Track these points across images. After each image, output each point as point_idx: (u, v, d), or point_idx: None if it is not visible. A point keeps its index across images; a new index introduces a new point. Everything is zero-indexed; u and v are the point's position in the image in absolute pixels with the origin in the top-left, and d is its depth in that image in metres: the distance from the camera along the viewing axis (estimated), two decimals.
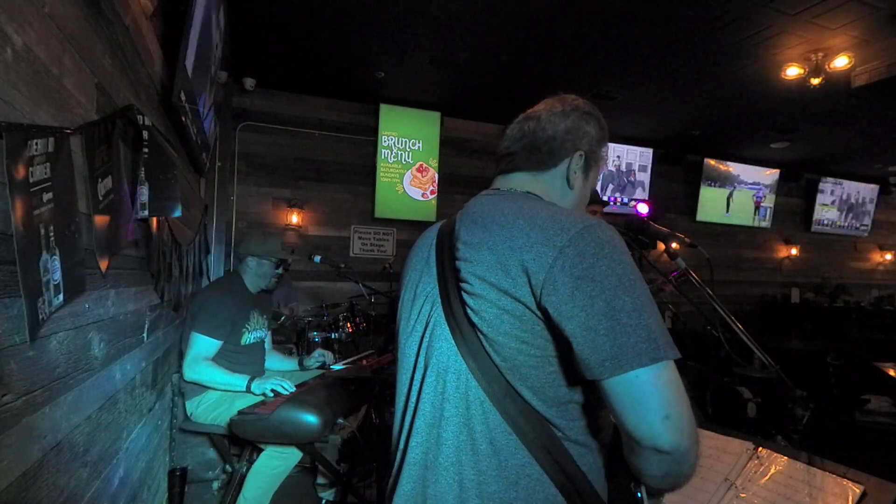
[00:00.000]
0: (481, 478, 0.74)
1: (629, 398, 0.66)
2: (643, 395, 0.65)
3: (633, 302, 0.67)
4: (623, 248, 0.72)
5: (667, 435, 0.64)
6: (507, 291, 0.72)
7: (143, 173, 1.51)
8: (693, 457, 0.69)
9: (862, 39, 3.69)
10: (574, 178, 0.91)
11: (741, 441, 1.30)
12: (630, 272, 0.69)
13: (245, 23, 3.60)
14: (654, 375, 0.65)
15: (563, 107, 0.93)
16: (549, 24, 3.60)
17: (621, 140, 6.43)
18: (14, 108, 0.85)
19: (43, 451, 0.98)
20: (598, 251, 0.70)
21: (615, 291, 0.67)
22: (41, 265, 0.88)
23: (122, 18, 1.50)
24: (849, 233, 8.73)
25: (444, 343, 0.79)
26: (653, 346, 0.65)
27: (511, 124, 0.95)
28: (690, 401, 0.70)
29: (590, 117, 0.93)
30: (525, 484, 0.73)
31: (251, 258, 2.43)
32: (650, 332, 0.66)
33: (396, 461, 0.84)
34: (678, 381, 0.67)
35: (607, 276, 0.68)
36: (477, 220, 0.80)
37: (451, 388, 0.77)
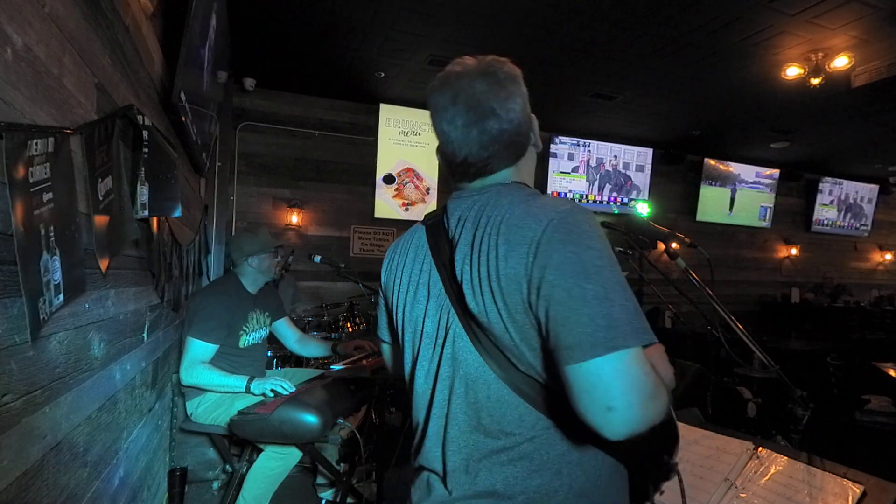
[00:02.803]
0: (524, 474, 0.75)
1: (577, 386, 0.66)
2: (588, 385, 0.65)
3: (595, 290, 0.66)
4: (593, 231, 0.71)
5: (608, 427, 0.64)
6: (506, 301, 0.73)
7: (143, 173, 1.51)
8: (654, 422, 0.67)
9: (862, 39, 3.69)
10: (537, 136, 0.91)
11: (741, 441, 1.30)
12: (597, 257, 0.69)
13: (245, 23, 3.60)
14: (602, 367, 0.64)
15: (504, 82, 0.85)
16: (549, 24, 3.60)
17: (621, 140, 6.43)
18: (14, 108, 0.85)
19: (43, 451, 0.98)
20: (565, 238, 0.70)
21: (577, 280, 0.67)
22: (41, 265, 0.88)
23: (122, 18, 1.50)
24: (849, 233, 8.73)
25: (470, 355, 0.78)
26: (609, 336, 0.65)
27: (445, 125, 0.85)
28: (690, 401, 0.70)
29: (519, 77, 0.88)
30: (568, 471, 0.74)
31: (251, 258, 2.41)
32: (610, 321, 0.65)
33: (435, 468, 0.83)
34: (636, 369, 0.65)
35: (571, 265, 0.68)
36: (464, 226, 0.81)
37: (483, 396, 0.77)
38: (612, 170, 6.53)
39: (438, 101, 0.85)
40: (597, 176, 6.46)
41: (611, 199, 6.57)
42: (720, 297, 1.42)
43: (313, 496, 2.52)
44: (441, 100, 0.84)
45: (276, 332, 2.70)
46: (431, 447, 0.83)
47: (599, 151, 6.40)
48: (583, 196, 6.42)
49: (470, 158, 0.84)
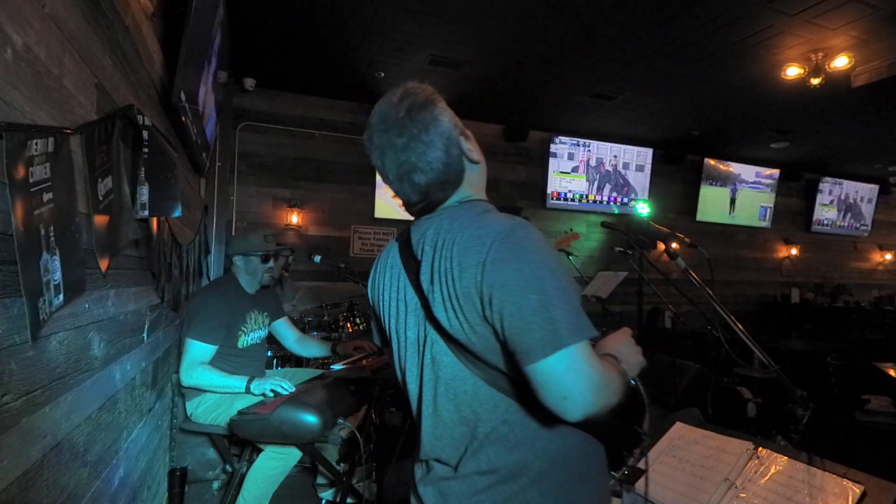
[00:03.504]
0: (503, 451, 0.85)
1: (537, 383, 0.77)
2: (546, 381, 0.76)
3: (539, 298, 0.77)
4: (532, 246, 0.81)
5: (568, 413, 0.75)
6: (466, 315, 0.83)
7: (143, 173, 1.51)
8: (611, 404, 0.79)
9: (862, 39, 3.69)
10: (473, 152, 0.97)
11: (741, 441, 1.30)
12: (537, 269, 0.78)
13: (245, 23, 3.60)
14: (553, 365, 0.75)
15: (420, 136, 0.91)
16: (549, 24, 3.60)
17: (621, 140, 6.43)
18: (14, 108, 0.85)
19: (43, 451, 0.98)
20: (507, 257, 0.79)
21: (522, 293, 0.77)
22: (41, 265, 0.88)
23: (122, 18, 1.50)
24: (848, 233, 8.73)
25: (447, 357, 0.88)
26: (555, 338, 0.75)
27: (382, 177, 0.98)
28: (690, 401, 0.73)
29: (434, 112, 0.94)
30: (540, 444, 0.85)
31: (237, 258, 2.42)
32: (554, 325, 0.75)
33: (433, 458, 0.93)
34: (582, 362, 0.76)
35: (514, 280, 0.78)
36: (425, 248, 0.90)
37: (461, 391, 0.87)
38: (612, 170, 6.53)
39: (372, 157, 0.98)
40: (597, 176, 6.46)
41: (611, 199, 6.57)
42: (720, 297, 1.42)
43: (313, 496, 2.52)
44: (373, 157, 0.97)
45: (276, 333, 2.69)
46: (428, 442, 0.93)
47: (599, 151, 6.40)
48: (583, 196, 6.42)
49: (412, 201, 0.96)
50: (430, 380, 0.91)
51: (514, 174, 6.11)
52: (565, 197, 6.32)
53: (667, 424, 1.49)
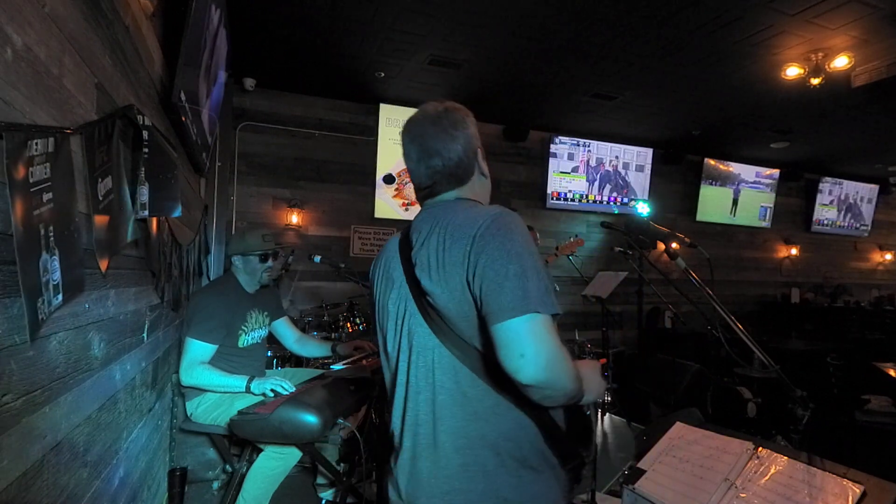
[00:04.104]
0: (463, 423, 0.96)
1: (500, 341, 0.87)
2: (508, 339, 0.86)
3: (517, 269, 0.89)
4: (517, 229, 0.94)
5: (521, 372, 0.84)
6: (448, 281, 0.95)
7: (143, 173, 1.51)
8: (562, 387, 0.88)
9: (862, 39, 3.69)
10: (484, 167, 1.14)
11: (741, 441, 1.30)
12: (518, 246, 0.91)
13: (245, 23, 3.60)
14: (519, 324, 0.85)
15: (449, 129, 1.08)
16: (549, 24, 3.60)
17: (621, 140, 6.42)
18: (14, 108, 0.85)
19: (43, 451, 0.98)
20: (496, 233, 0.92)
21: (504, 262, 0.89)
22: (41, 265, 0.88)
23: (122, 18, 1.50)
24: (849, 233, 8.73)
25: (421, 328, 1.00)
26: (524, 303, 0.86)
27: (406, 159, 1.12)
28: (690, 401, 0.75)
29: (465, 120, 1.11)
30: (495, 420, 0.95)
31: (235, 257, 2.42)
32: (526, 292, 0.87)
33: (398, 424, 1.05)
34: (543, 330, 0.86)
35: (498, 251, 0.90)
36: (421, 230, 1.04)
37: (430, 360, 0.99)
38: (612, 170, 6.53)
39: (403, 141, 1.12)
40: (596, 176, 6.46)
41: (611, 199, 6.57)
42: (720, 297, 1.42)
43: (313, 496, 2.52)
44: (405, 140, 1.11)
45: (276, 332, 2.69)
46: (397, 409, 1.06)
47: (599, 151, 6.40)
48: (583, 196, 6.42)
49: (421, 185, 1.11)
50: (406, 349, 1.02)
51: (514, 174, 6.11)
52: (565, 197, 6.32)
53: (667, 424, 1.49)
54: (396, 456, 1.04)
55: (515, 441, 0.96)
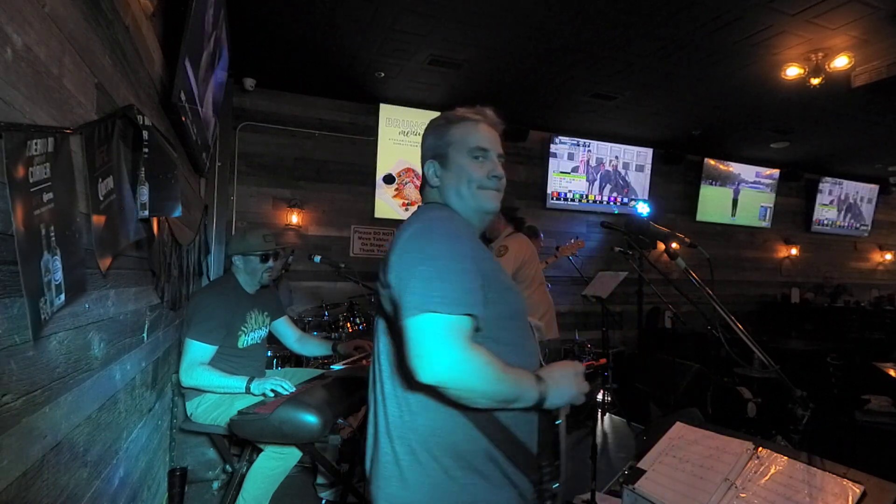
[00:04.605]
0: (399, 413, 0.99)
1: (403, 338, 0.89)
2: (408, 338, 0.88)
3: (426, 271, 0.90)
4: (446, 233, 0.98)
5: (418, 372, 0.85)
6: (383, 279, 1.00)
7: (143, 173, 1.51)
8: (471, 388, 0.87)
9: (862, 39, 3.69)
10: (434, 178, 1.16)
11: (741, 441, 1.30)
12: (437, 250, 0.93)
13: (245, 23, 3.60)
14: (415, 325, 0.87)
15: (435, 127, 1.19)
16: (549, 24, 3.60)
17: (621, 140, 6.43)
18: (14, 108, 0.85)
19: (43, 451, 0.98)
20: (420, 237, 0.97)
21: (413, 265, 0.92)
22: (42, 265, 0.88)
23: (122, 18, 1.50)
24: (849, 233, 8.73)
25: (380, 326, 1.06)
26: (421, 303, 0.88)
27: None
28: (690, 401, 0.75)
29: (425, 133, 1.20)
30: (425, 413, 0.97)
31: (236, 258, 2.42)
32: (429, 293, 0.88)
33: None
34: (443, 330, 0.86)
35: (414, 254, 0.94)
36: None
37: (381, 350, 1.05)
38: (612, 170, 6.53)
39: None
40: (597, 176, 6.46)
41: (611, 199, 6.57)
42: (720, 297, 1.42)
43: (313, 496, 2.52)
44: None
45: (276, 332, 2.69)
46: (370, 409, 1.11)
47: (599, 151, 6.40)
48: (583, 196, 6.42)
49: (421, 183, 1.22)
50: (375, 350, 1.09)
51: (514, 174, 6.11)
52: (565, 197, 6.32)
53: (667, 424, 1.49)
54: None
55: (449, 439, 0.95)
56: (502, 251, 3.23)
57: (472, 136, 1.14)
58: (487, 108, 1.22)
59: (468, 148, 1.13)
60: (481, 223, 1.17)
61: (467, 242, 1.00)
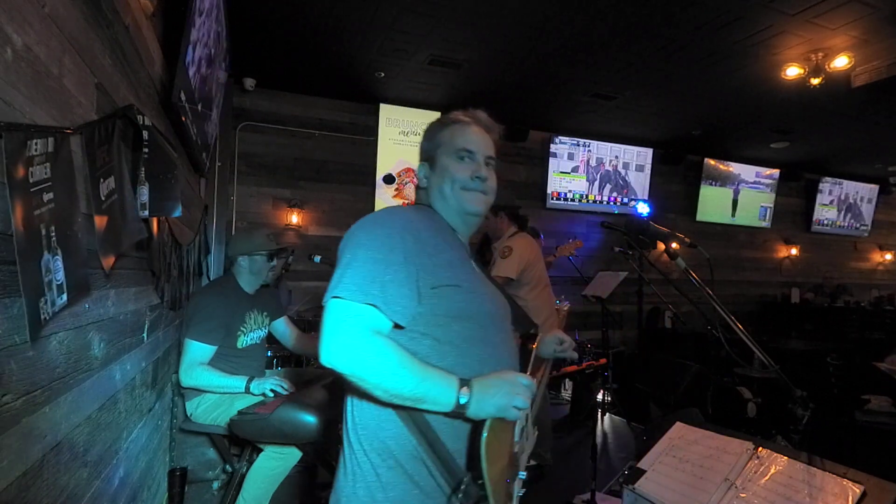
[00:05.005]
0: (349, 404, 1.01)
1: None
2: (322, 320, 0.91)
3: (347, 260, 0.94)
4: (380, 227, 0.98)
5: (322, 353, 0.88)
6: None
7: (143, 173, 1.51)
8: (359, 377, 0.87)
9: (862, 39, 3.69)
10: (422, 179, 1.18)
11: (741, 441, 1.30)
12: (367, 240, 0.96)
13: (245, 23, 3.60)
14: (326, 309, 0.91)
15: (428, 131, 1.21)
16: (549, 24, 3.60)
17: (621, 140, 6.43)
18: (14, 108, 0.85)
19: (43, 451, 0.98)
20: (355, 232, 1.00)
21: (342, 252, 0.96)
22: (42, 265, 0.88)
23: (122, 18, 1.50)
24: (849, 233, 8.73)
25: None
26: (333, 287, 0.91)
27: None
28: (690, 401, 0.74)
29: (423, 137, 1.21)
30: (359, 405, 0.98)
31: (241, 258, 2.41)
32: (341, 279, 0.91)
33: None
34: (343, 315, 0.89)
35: (349, 242, 0.98)
36: None
37: None
38: (612, 170, 6.53)
39: None
40: (597, 176, 6.46)
41: (611, 199, 6.57)
42: (720, 297, 1.42)
43: (313, 496, 2.52)
44: None
45: (276, 332, 2.69)
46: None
47: (599, 151, 6.40)
48: (583, 196, 6.42)
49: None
50: None
51: (514, 174, 6.11)
52: (565, 197, 6.32)
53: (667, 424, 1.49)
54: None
55: (377, 435, 0.95)
56: (506, 252, 3.19)
57: (460, 137, 1.13)
58: (481, 112, 1.19)
59: (455, 149, 1.12)
60: (466, 225, 1.14)
61: (407, 236, 0.97)
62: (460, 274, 1.03)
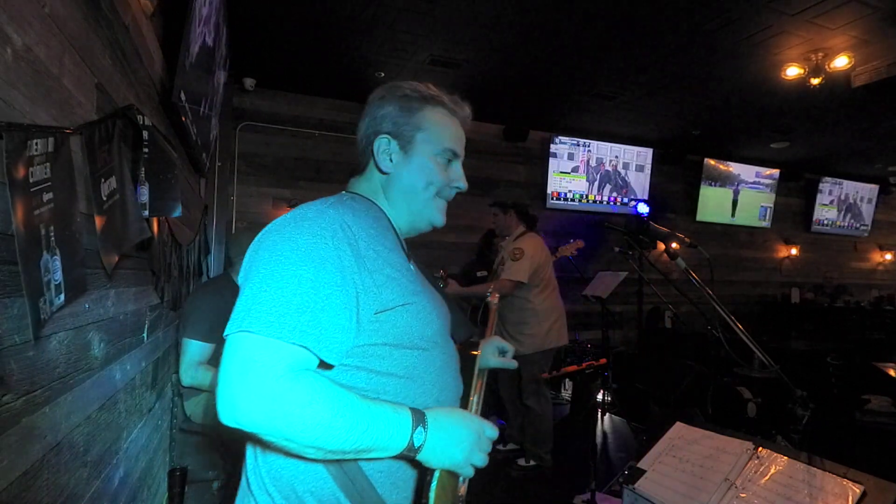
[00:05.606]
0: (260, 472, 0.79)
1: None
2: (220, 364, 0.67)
3: (263, 279, 0.70)
4: (304, 235, 0.73)
5: (225, 408, 0.63)
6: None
7: (143, 173, 1.51)
8: (273, 434, 0.65)
9: (862, 39, 3.69)
10: (386, 163, 0.93)
11: (741, 441, 1.30)
12: (287, 256, 0.71)
13: (245, 23, 3.60)
14: (228, 344, 0.67)
15: (365, 108, 0.98)
16: (550, 24, 3.60)
17: (621, 140, 6.43)
18: (14, 108, 0.85)
19: (43, 451, 0.98)
20: (271, 237, 0.75)
21: (257, 272, 0.72)
22: (42, 265, 0.88)
23: (122, 18, 1.50)
24: (849, 233, 8.73)
25: None
26: (241, 316, 0.68)
27: None
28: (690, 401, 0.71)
29: (384, 99, 0.96)
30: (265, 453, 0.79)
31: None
32: (253, 305, 0.68)
33: None
34: (254, 356, 0.65)
35: (262, 260, 0.73)
36: None
37: None
38: (612, 170, 6.54)
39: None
40: (597, 176, 6.46)
41: (611, 199, 6.57)
42: (720, 297, 1.42)
43: None
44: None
45: None
46: None
47: (599, 151, 6.40)
48: (583, 196, 6.42)
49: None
50: None
51: (514, 174, 6.11)
52: (565, 197, 6.32)
53: (667, 424, 1.49)
54: None
55: (291, 484, 0.75)
56: (517, 254, 3.15)
57: (448, 131, 0.94)
58: (466, 104, 0.99)
59: (442, 147, 0.93)
60: (415, 232, 0.97)
61: (342, 245, 0.74)
62: (406, 288, 0.83)
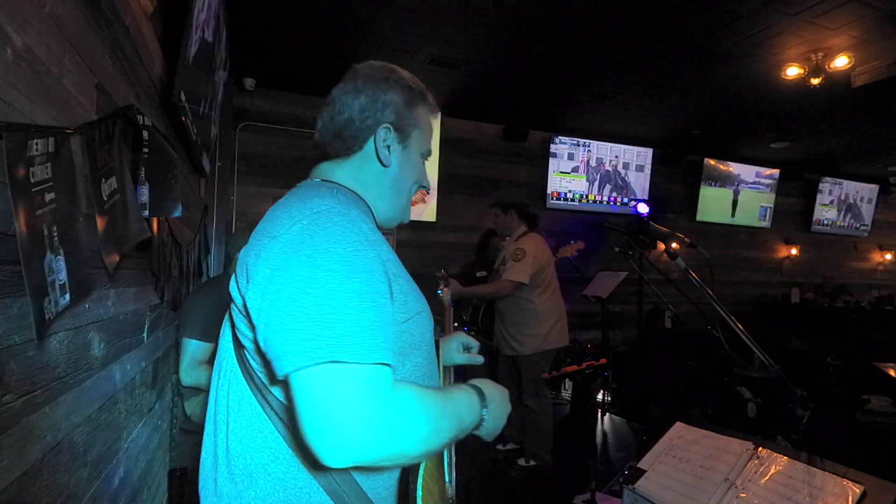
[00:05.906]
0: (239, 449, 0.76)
1: (293, 401, 0.60)
2: (297, 399, 0.59)
3: (320, 297, 0.60)
4: (340, 243, 0.64)
5: (317, 447, 0.57)
6: (241, 294, 0.72)
7: (143, 173, 1.51)
8: (400, 453, 0.61)
9: (862, 39, 3.69)
10: (386, 154, 0.86)
11: (741, 441, 1.30)
12: (336, 264, 0.62)
13: (245, 23, 3.61)
14: (308, 379, 0.59)
15: (355, 81, 0.87)
16: (550, 24, 3.60)
17: (621, 140, 6.43)
18: (14, 108, 0.85)
19: (43, 451, 0.98)
20: (307, 240, 0.64)
21: (304, 284, 0.61)
22: (45, 265, 0.88)
23: (122, 18, 1.50)
24: (849, 233, 8.73)
25: (224, 341, 0.84)
26: (312, 346, 0.58)
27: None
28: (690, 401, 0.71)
29: (388, 83, 0.87)
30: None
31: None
32: (322, 330, 0.59)
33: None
34: (347, 388, 0.58)
35: (303, 267, 0.62)
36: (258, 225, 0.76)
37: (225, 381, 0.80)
38: (612, 170, 6.54)
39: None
40: (597, 176, 6.47)
41: (611, 199, 6.57)
42: (720, 297, 1.42)
43: None
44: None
45: None
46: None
47: (599, 151, 6.41)
48: (583, 196, 6.42)
49: (315, 141, 0.91)
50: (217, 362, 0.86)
51: (514, 174, 6.12)
52: (565, 197, 6.32)
53: (667, 424, 1.49)
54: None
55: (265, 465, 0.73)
56: (519, 255, 3.14)
57: (430, 130, 0.93)
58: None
59: (427, 146, 0.93)
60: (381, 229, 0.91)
61: (372, 251, 0.68)
62: (419, 293, 0.80)
